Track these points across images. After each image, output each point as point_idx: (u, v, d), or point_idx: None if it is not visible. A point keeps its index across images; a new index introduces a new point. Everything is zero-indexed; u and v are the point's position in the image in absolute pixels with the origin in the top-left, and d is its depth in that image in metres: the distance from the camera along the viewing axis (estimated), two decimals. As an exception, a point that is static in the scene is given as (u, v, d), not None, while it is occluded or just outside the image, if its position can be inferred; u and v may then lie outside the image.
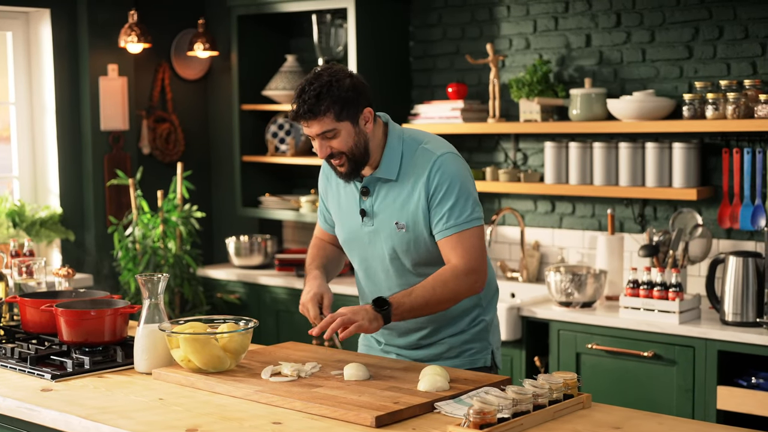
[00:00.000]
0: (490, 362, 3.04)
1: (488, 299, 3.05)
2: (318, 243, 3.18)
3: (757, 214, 4.27)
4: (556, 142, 4.75)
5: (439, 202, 2.85)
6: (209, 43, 5.78)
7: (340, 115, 2.80)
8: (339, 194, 3.03)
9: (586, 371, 4.23)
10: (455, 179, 2.86)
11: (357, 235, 2.98)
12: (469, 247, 2.85)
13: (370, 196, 2.94)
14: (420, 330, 3.00)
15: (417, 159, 2.89)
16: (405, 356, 3.03)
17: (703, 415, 3.93)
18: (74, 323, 2.95)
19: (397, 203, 2.90)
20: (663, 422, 2.38)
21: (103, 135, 5.63)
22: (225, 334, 2.75)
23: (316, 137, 2.83)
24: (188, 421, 2.40)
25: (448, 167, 2.86)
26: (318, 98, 2.77)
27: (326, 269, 3.07)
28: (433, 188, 2.85)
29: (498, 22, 5.05)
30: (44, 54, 5.53)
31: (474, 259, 2.85)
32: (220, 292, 5.55)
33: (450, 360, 2.99)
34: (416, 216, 2.87)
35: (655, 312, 4.09)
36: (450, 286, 2.82)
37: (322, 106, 2.77)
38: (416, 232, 2.89)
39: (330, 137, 2.82)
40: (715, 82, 4.40)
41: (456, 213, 2.84)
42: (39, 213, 5.45)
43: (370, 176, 2.92)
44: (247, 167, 5.78)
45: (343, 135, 2.82)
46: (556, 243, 4.95)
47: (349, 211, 2.99)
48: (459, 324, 3.00)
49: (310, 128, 2.82)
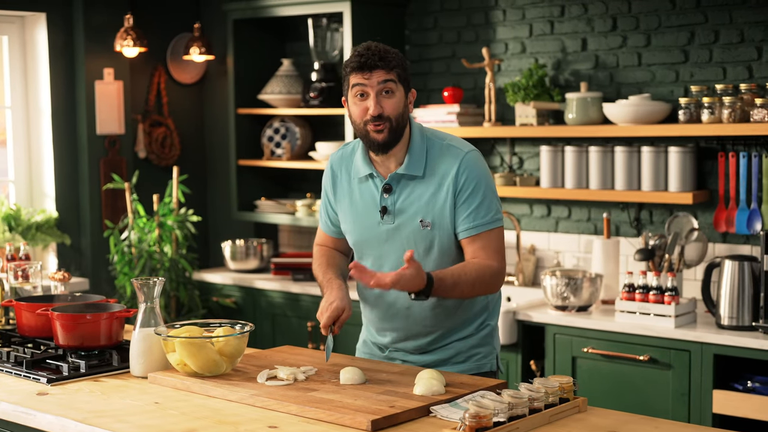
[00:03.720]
0: (495, 367, 3.04)
1: (494, 303, 3.04)
2: (325, 251, 3.12)
3: (752, 218, 4.27)
4: (552, 146, 4.75)
5: (466, 200, 2.84)
6: (205, 47, 5.78)
7: (401, 77, 2.84)
8: (352, 192, 2.98)
9: (581, 375, 4.23)
10: (482, 178, 2.86)
11: (373, 234, 2.93)
12: (498, 248, 2.86)
13: (393, 193, 2.90)
14: (429, 334, 2.97)
15: (443, 156, 2.87)
16: (411, 362, 3.00)
17: (698, 419, 3.93)
18: (70, 327, 2.95)
19: (423, 200, 2.87)
20: (659, 426, 2.39)
21: (98, 139, 5.62)
22: (221, 338, 2.75)
23: (374, 90, 2.80)
24: (184, 424, 2.40)
25: (475, 165, 2.86)
26: (388, 51, 2.81)
27: (345, 279, 3.03)
28: (462, 185, 2.84)
29: (494, 26, 5.05)
30: (40, 58, 5.52)
31: (503, 260, 2.88)
32: (216, 296, 5.54)
33: (457, 365, 2.97)
34: (443, 213, 2.85)
35: (651, 316, 4.09)
36: (487, 279, 2.82)
37: (392, 61, 2.81)
38: (441, 229, 2.86)
39: (388, 91, 2.81)
40: (711, 86, 4.40)
41: (483, 212, 2.84)
42: (35, 217, 5.45)
43: (394, 173, 2.89)
44: (243, 171, 5.78)
45: (397, 97, 2.83)
46: (552, 247, 4.95)
47: (365, 209, 2.94)
48: (467, 328, 2.98)
49: (371, 78, 2.80)
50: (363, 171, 2.94)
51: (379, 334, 3.05)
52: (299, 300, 5.20)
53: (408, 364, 2.97)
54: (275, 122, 5.73)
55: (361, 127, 2.86)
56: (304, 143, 5.69)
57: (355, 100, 2.85)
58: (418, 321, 2.95)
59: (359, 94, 2.83)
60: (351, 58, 2.83)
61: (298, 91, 5.57)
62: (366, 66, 2.79)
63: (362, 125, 2.85)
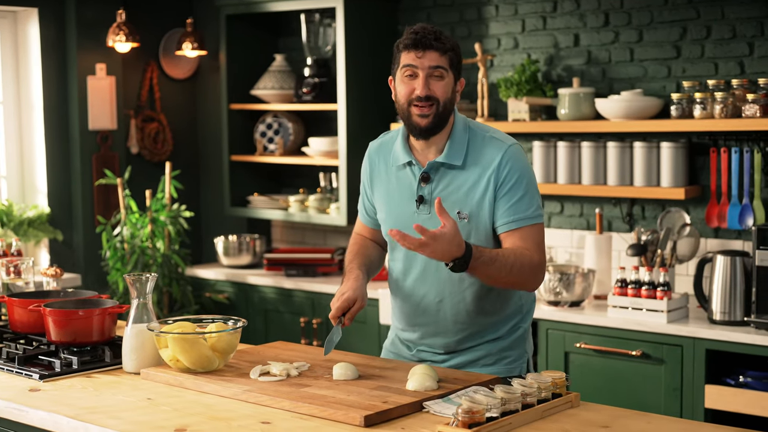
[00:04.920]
0: (525, 371, 2.94)
1: (528, 305, 2.96)
2: (359, 240, 3.06)
3: (744, 213, 4.28)
4: (545, 142, 4.75)
5: (508, 192, 2.77)
6: (197, 43, 5.77)
7: (452, 63, 2.78)
8: (389, 180, 2.92)
9: (574, 370, 4.23)
10: (525, 172, 2.80)
11: (407, 225, 2.80)
12: (539, 243, 2.78)
13: (431, 182, 2.83)
14: (460, 332, 2.88)
15: (485, 147, 2.81)
16: (440, 363, 2.90)
17: (691, 413, 3.94)
18: (62, 323, 2.94)
19: (461, 191, 2.80)
20: (651, 421, 2.39)
21: (91, 134, 5.61)
22: (213, 334, 2.75)
23: (424, 71, 2.75)
24: (176, 420, 2.40)
25: (518, 159, 2.80)
26: (443, 34, 2.77)
27: (368, 270, 2.96)
28: (504, 177, 2.77)
29: (486, 22, 5.05)
30: (32, 53, 5.51)
31: (544, 255, 2.79)
32: (209, 292, 5.54)
33: (487, 367, 2.88)
34: (481, 205, 2.78)
35: (643, 311, 4.10)
36: (526, 269, 2.73)
37: (447, 43, 2.77)
38: (478, 222, 2.79)
39: (438, 76, 2.76)
40: (703, 81, 4.41)
41: (524, 206, 2.77)
42: (27, 212, 5.43)
43: (433, 161, 2.82)
44: (236, 167, 5.77)
45: (446, 82, 2.77)
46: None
47: (401, 198, 2.88)
48: (500, 330, 2.90)
49: (423, 59, 2.74)
50: (402, 159, 2.88)
51: (408, 330, 2.96)
52: (292, 296, 5.20)
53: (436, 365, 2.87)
54: (268, 118, 5.73)
55: (405, 108, 2.80)
56: (297, 138, 5.69)
57: (403, 78, 2.79)
58: (449, 317, 2.87)
59: (408, 74, 2.77)
60: (405, 36, 2.78)
61: (291, 87, 5.57)
62: (420, 44, 2.74)
63: (407, 106, 2.79)
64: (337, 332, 2.79)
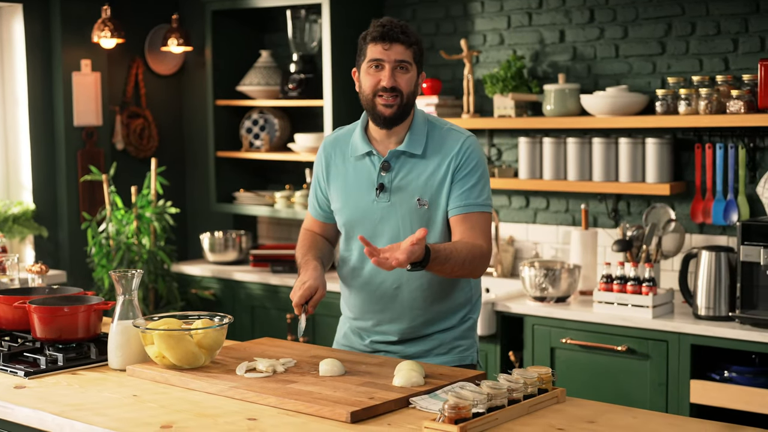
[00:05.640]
0: (475, 360, 3.06)
1: (476, 297, 3.06)
2: (310, 235, 3.12)
3: (729, 209, 4.30)
4: (530, 138, 4.76)
5: (462, 178, 2.86)
6: (183, 39, 5.75)
7: (416, 56, 2.88)
8: (346, 171, 2.98)
9: (560, 366, 4.24)
10: (480, 162, 2.90)
11: (365, 213, 2.93)
12: (486, 231, 2.88)
13: (391, 171, 2.91)
14: (415, 318, 2.96)
15: (444, 137, 2.91)
16: (394, 352, 2.99)
17: (676, 408, 3.95)
18: (47, 320, 2.94)
19: (421, 179, 2.89)
20: (637, 416, 2.40)
21: (76, 130, 5.59)
22: (199, 330, 2.74)
23: (390, 64, 2.83)
24: (163, 417, 2.39)
25: (476, 149, 2.91)
26: (408, 28, 2.86)
27: (323, 262, 3.03)
28: (461, 164, 2.87)
29: (472, 18, 5.06)
30: (16, 49, 5.49)
31: (490, 242, 2.89)
32: (195, 288, 5.53)
33: (440, 356, 2.98)
34: (439, 192, 2.87)
35: (629, 306, 4.11)
36: (477, 259, 2.83)
37: (412, 37, 2.86)
38: (437, 209, 2.88)
39: (403, 68, 2.85)
40: (688, 77, 4.42)
41: (476, 193, 2.87)
42: (11, 209, 5.41)
43: (393, 150, 2.90)
44: (222, 163, 5.76)
45: (411, 75, 2.87)
46: (530, 238, 4.96)
47: (359, 187, 2.94)
48: (450, 320, 2.99)
49: (389, 52, 2.83)
50: (361, 149, 2.94)
51: (362, 318, 3.03)
52: (278, 292, 5.20)
53: (390, 356, 2.97)
54: (254, 114, 5.72)
55: (370, 98, 2.87)
56: (283, 135, 5.68)
57: (369, 70, 2.86)
58: (405, 303, 2.95)
59: (374, 66, 2.85)
60: (372, 28, 2.86)
61: (277, 83, 5.56)
62: (387, 37, 2.82)
63: (371, 96, 2.87)
64: (302, 321, 2.85)
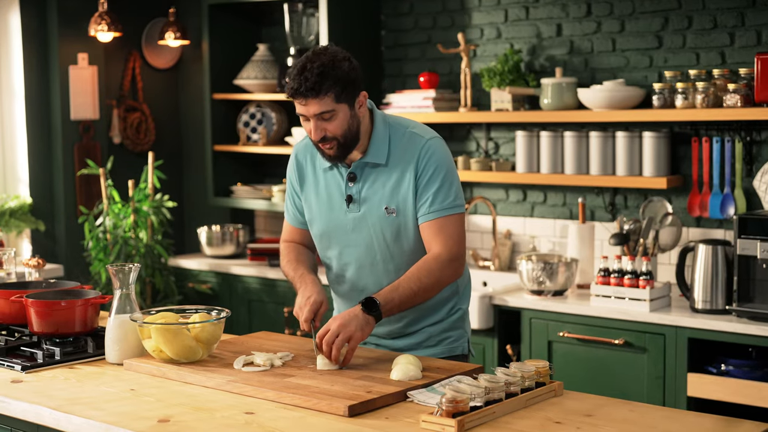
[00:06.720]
0: (466, 350, 3.06)
1: (464, 287, 3.06)
2: (294, 248, 3.10)
3: (725, 202, 4.30)
4: (528, 131, 4.76)
5: (425, 185, 2.85)
6: (180, 32, 5.74)
7: (339, 97, 2.77)
8: (317, 182, 2.98)
9: (557, 359, 4.25)
10: (442, 164, 2.87)
11: (338, 224, 2.94)
12: (452, 234, 2.86)
13: (358, 181, 2.91)
14: (401, 320, 2.98)
15: (406, 143, 2.88)
16: (384, 346, 3.01)
17: (673, 402, 3.96)
18: (45, 314, 2.94)
19: (387, 188, 2.88)
20: (634, 409, 2.40)
21: (73, 124, 5.59)
22: (197, 324, 2.74)
23: (312, 117, 2.78)
24: (160, 411, 2.40)
25: (436, 152, 2.87)
26: (321, 77, 2.73)
27: (317, 274, 3.02)
28: (421, 171, 2.85)
29: (469, 12, 5.05)
30: (13, 43, 5.48)
31: (456, 245, 2.86)
32: (192, 282, 5.53)
33: (429, 348, 2.99)
34: (406, 200, 2.87)
35: (626, 300, 4.12)
36: (435, 274, 2.82)
37: (324, 85, 2.74)
38: (406, 216, 2.88)
39: (327, 118, 2.78)
40: (685, 71, 4.42)
41: (440, 198, 2.85)
42: (8, 203, 5.41)
43: (358, 161, 2.90)
44: (219, 157, 5.76)
45: (339, 117, 2.79)
46: (527, 232, 4.97)
47: (330, 199, 2.95)
48: (438, 313, 3.00)
49: (307, 107, 2.77)
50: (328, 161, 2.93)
51: None
52: (275, 286, 5.20)
53: (381, 349, 2.98)
54: (251, 107, 5.71)
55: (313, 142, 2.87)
56: (280, 129, 5.68)
57: (302, 119, 2.85)
58: None
59: (302, 118, 2.83)
60: (287, 82, 2.81)
61: (274, 77, 5.55)
62: (299, 94, 2.77)
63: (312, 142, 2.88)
64: (314, 335, 2.81)
